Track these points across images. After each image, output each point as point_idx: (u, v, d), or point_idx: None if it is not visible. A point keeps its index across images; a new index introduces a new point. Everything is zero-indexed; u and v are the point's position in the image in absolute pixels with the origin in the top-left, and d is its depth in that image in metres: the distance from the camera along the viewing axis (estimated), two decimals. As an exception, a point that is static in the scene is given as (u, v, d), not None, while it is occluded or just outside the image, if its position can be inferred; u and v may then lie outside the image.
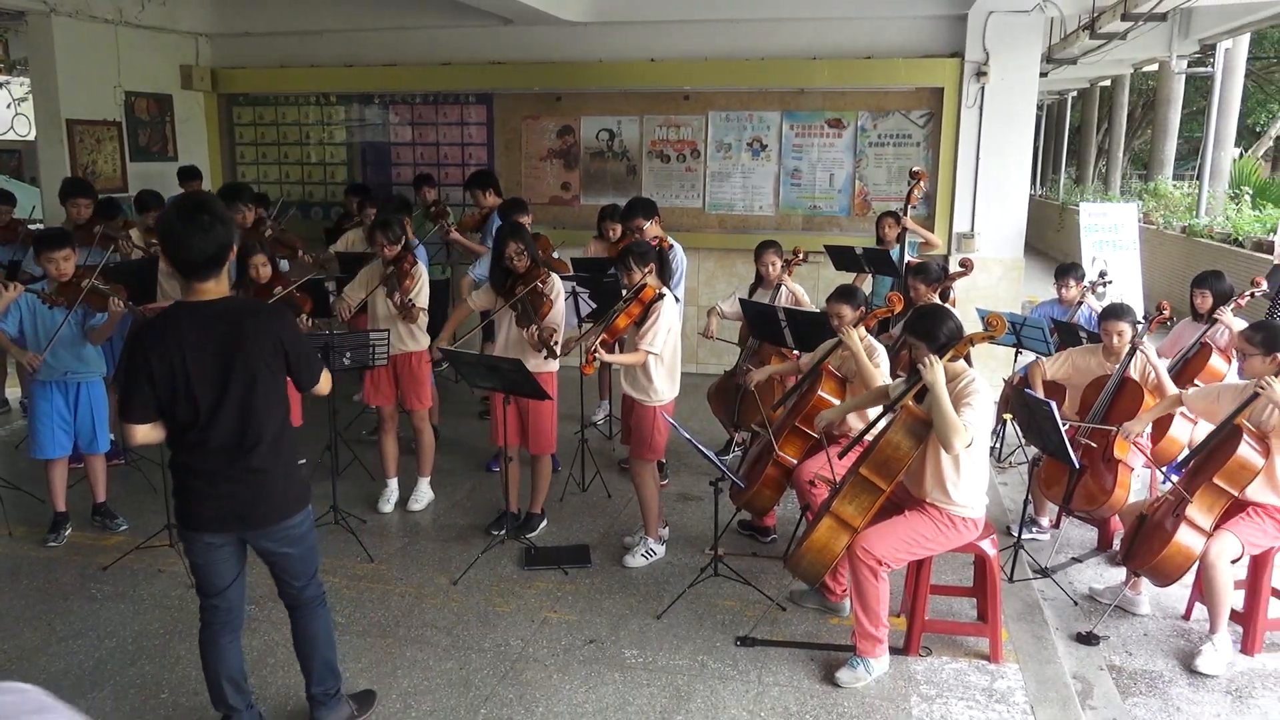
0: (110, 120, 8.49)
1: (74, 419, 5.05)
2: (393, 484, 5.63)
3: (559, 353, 4.88)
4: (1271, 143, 18.06)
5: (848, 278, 6.81)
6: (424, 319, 5.41)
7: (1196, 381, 5.31)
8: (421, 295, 5.34)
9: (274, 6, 9.01)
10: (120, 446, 5.86)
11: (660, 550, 4.96)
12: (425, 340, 5.50)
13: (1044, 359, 5.27)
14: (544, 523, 5.30)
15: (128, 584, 4.64)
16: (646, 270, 4.70)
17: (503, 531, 5.09)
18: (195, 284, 2.92)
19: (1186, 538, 4.01)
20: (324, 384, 3.29)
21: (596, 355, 4.47)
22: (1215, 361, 5.32)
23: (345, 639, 4.09)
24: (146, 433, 2.96)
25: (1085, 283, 6.41)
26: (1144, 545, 4.18)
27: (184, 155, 9.19)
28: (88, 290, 4.79)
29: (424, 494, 5.65)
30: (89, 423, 5.09)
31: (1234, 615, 4.14)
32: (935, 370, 3.67)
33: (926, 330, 3.79)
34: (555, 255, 6.52)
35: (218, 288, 2.95)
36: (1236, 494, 4.01)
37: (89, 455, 5.19)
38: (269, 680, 3.83)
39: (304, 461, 6.02)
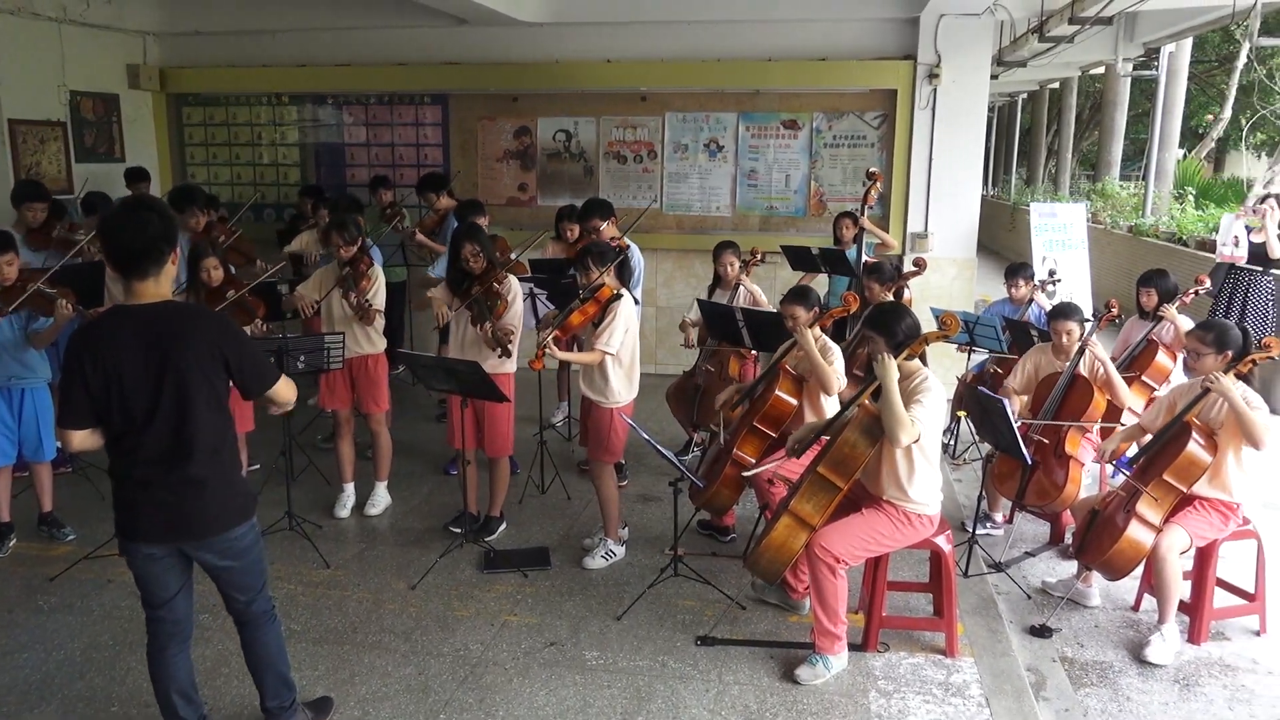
0: (55, 120, 8.30)
1: (18, 426, 4.93)
2: (349, 489, 5.57)
3: (513, 352, 4.86)
4: (1214, 144, 18.49)
5: (805, 278, 6.88)
6: (380, 321, 5.36)
7: (1144, 378, 5.43)
8: (378, 296, 5.29)
9: (224, 5, 8.86)
10: (67, 454, 5.73)
11: (620, 551, 4.96)
12: (381, 343, 5.44)
13: (1008, 380, 5.33)
14: (503, 525, 5.28)
15: (76, 595, 4.54)
16: (604, 270, 4.70)
17: (461, 531, 5.06)
18: (134, 283, 2.84)
19: (1137, 533, 4.10)
20: (283, 391, 3.09)
21: (546, 350, 4.47)
22: (1161, 358, 5.44)
23: (301, 646, 4.04)
24: (83, 439, 2.88)
25: (1035, 281, 6.52)
26: (1096, 540, 4.27)
27: (131, 156, 9.01)
28: (33, 294, 4.67)
29: (381, 498, 5.59)
30: (34, 430, 4.97)
31: (1181, 606, 4.24)
32: (888, 365, 3.72)
33: (886, 326, 3.83)
34: (514, 256, 6.49)
35: (157, 289, 2.88)
36: (1186, 490, 4.10)
37: (34, 463, 5.07)
38: (223, 690, 3.76)
39: (257, 467, 5.98)
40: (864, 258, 6.81)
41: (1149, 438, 4.33)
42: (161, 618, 3.11)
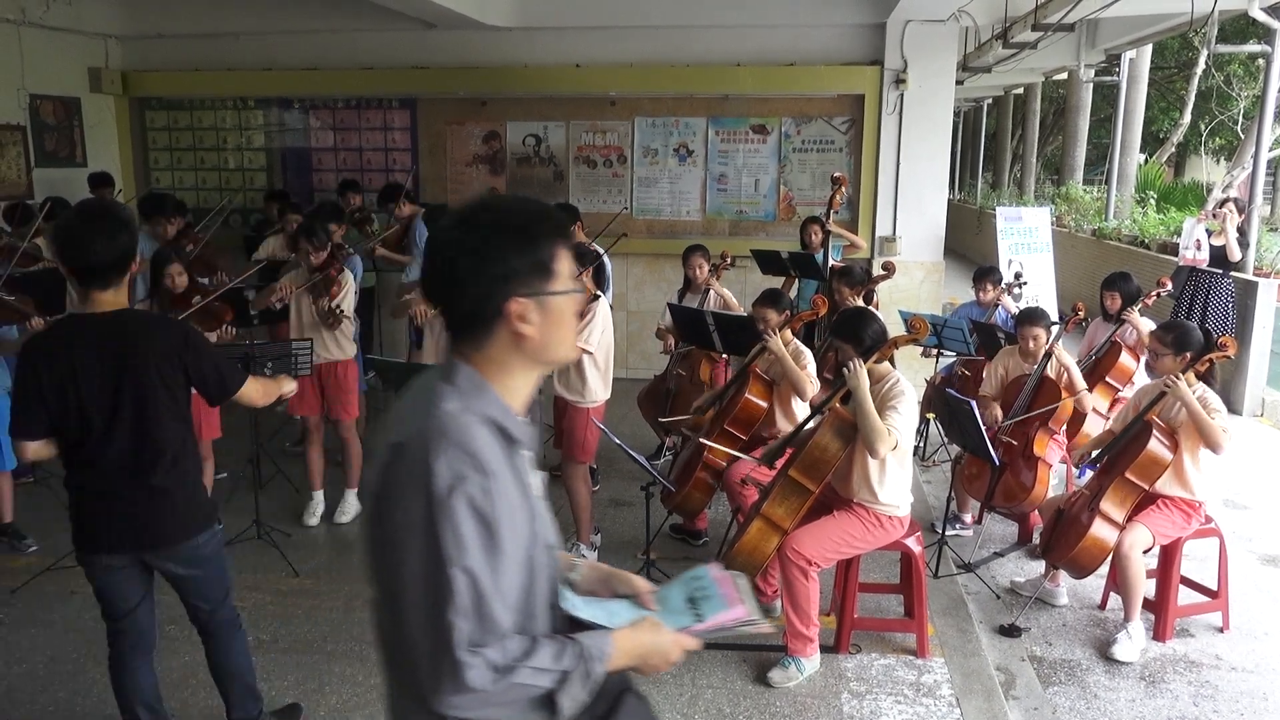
0: (14, 124, 8.16)
1: (-23, 436, 4.84)
2: (318, 496, 5.51)
3: None
4: (1174, 149, 18.82)
5: (774, 281, 6.91)
6: (349, 326, 5.32)
7: (1108, 379, 5.51)
8: (347, 302, 5.25)
9: (187, 8, 8.76)
10: (28, 463, 5.61)
11: (592, 556, 4.95)
12: (352, 349, 5.40)
13: (982, 388, 5.38)
14: (475, 532, 5.24)
15: (38, 607, 4.46)
16: (585, 271, 4.72)
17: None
18: (93, 293, 2.80)
19: (1101, 531, 4.15)
20: (250, 393, 3.09)
21: None
22: (1124, 359, 5.52)
23: (270, 656, 4.00)
24: (37, 449, 2.83)
25: (1002, 285, 6.60)
26: (1061, 538, 4.32)
27: (93, 161, 8.87)
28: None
29: (352, 505, 5.54)
30: (-7, 439, 4.88)
31: (1146, 603, 4.30)
32: (859, 376, 3.74)
33: (853, 332, 3.86)
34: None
35: (115, 299, 2.83)
36: (1147, 487, 4.17)
37: (-6, 473, 4.98)
38: (190, 702, 3.71)
39: (224, 475, 5.90)
40: (831, 261, 6.85)
41: (1104, 426, 4.39)
42: (123, 629, 3.06)
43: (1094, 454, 4.59)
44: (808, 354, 4.68)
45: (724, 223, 8.62)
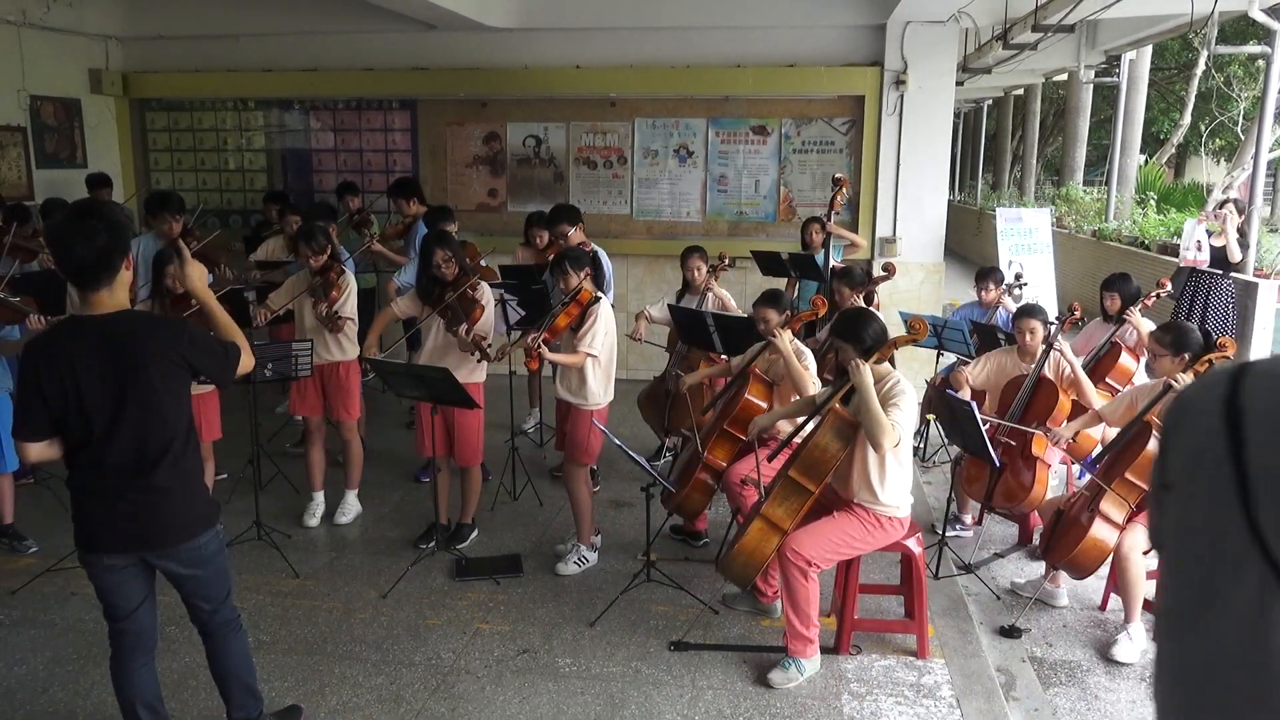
0: (14, 125, 8.16)
1: (-22, 437, 4.84)
2: (319, 497, 5.51)
3: (492, 356, 4.85)
4: (1174, 150, 18.81)
5: (774, 282, 6.91)
6: (351, 328, 5.32)
7: (1108, 380, 5.51)
8: (348, 305, 5.25)
9: (188, 9, 8.77)
10: (29, 465, 5.62)
11: (593, 557, 4.95)
12: (353, 350, 5.40)
13: (965, 367, 5.39)
14: (474, 533, 5.25)
15: (38, 608, 4.46)
16: (583, 274, 4.71)
17: (431, 544, 5.03)
18: (88, 295, 2.79)
19: (1101, 531, 4.15)
20: (247, 364, 3.10)
21: (540, 350, 4.48)
22: (1124, 360, 5.52)
23: (270, 657, 4.00)
24: (40, 450, 2.83)
25: (1003, 285, 6.60)
26: (1061, 539, 4.32)
27: (94, 162, 8.88)
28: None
29: (351, 507, 5.55)
30: (-6, 440, 4.88)
31: (1147, 604, 4.30)
32: (863, 373, 3.74)
33: (853, 333, 3.86)
34: (483, 263, 6.46)
35: (112, 299, 2.82)
36: (1147, 488, 4.17)
37: (-6, 474, 4.97)
38: (190, 703, 3.71)
39: (224, 476, 5.90)
40: (832, 262, 6.86)
41: (1105, 428, 4.39)
42: (125, 629, 3.06)
43: (1093, 454, 4.59)
44: (808, 354, 4.68)
45: (724, 224, 8.63)
